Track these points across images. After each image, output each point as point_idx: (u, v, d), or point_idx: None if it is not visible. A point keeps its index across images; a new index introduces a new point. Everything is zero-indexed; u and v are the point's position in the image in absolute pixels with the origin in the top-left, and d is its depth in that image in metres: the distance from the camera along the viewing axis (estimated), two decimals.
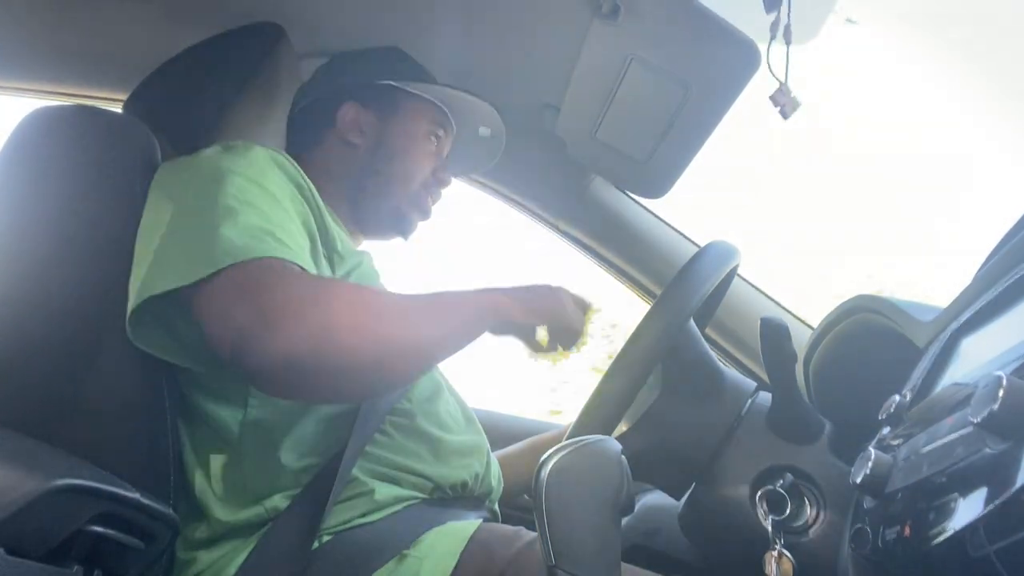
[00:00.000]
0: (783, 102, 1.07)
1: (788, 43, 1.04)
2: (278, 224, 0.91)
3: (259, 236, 0.88)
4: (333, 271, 1.01)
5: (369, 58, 1.25)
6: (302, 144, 1.21)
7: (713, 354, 1.10)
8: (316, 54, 1.31)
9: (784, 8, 1.03)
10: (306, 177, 1.01)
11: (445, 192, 1.29)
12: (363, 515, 0.94)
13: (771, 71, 1.07)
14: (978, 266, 0.89)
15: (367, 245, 1.27)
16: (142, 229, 0.95)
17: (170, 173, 0.99)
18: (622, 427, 1.03)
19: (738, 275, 1.47)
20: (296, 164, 1.01)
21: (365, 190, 1.19)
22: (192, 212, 0.91)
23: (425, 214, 1.25)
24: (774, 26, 1.03)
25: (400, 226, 1.23)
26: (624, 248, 1.58)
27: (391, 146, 1.20)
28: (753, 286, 1.56)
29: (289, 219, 0.94)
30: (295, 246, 0.91)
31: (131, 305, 0.89)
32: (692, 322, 1.04)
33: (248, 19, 1.21)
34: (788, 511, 0.93)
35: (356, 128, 1.19)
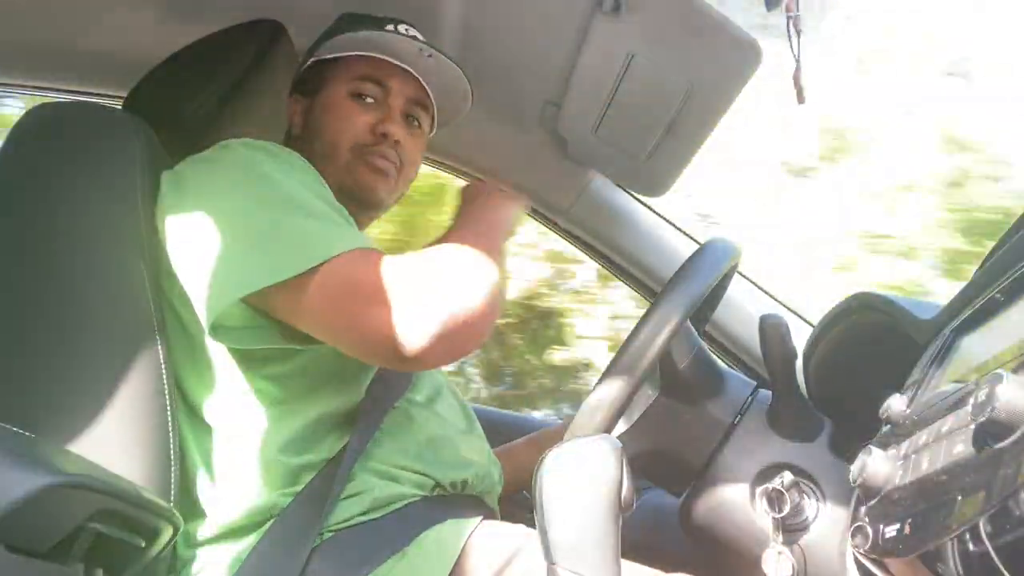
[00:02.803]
0: (800, 86, 1.06)
1: (799, 31, 1.04)
2: (338, 218, 0.94)
3: (332, 230, 0.91)
4: None
5: (314, 42, 1.21)
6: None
7: (711, 353, 1.10)
8: None
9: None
10: (321, 177, 1.02)
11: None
12: (364, 513, 0.94)
13: (794, 55, 1.05)
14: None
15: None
16: (197, 231, 0.94)
17: (202, 173, 0.99)
18: (620, 427, 1.03)
19: (738, 272, 1.47)
20: (310, 164, 1.02)
21: (324, 174, 1.07)
22: (255, 212, 0.92)
23: (379, 173, 1.12)
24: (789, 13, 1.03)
25: (361, 195, 1.13)
26: (624, 246, 1.58)
27: (314, 124, 1.16)
28: (754, 283, 1.56)
29: (339, 213, 0.96)
30: (358, 232, 0.94)
31: (220, 305, 0.89)
32: (689, 323, 1.04)
33: (248, 16, 1.21)
34: (788, 509, 0.93)
35: (295, 119, 1.19)
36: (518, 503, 1.25)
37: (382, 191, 1.14)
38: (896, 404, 0.80)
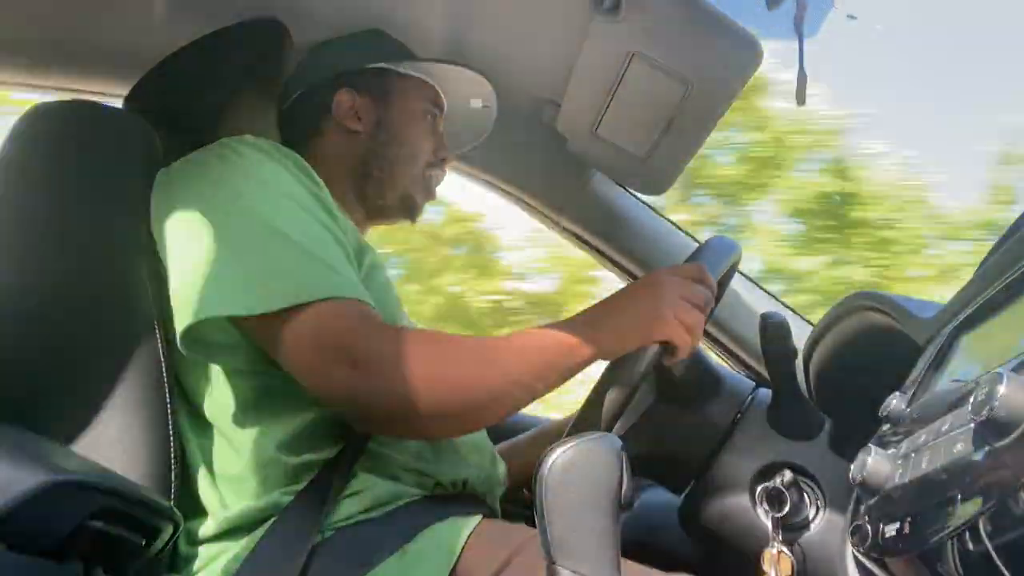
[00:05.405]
0: (801, 88, 1.06)
1: (801, 35, 1.04)
2: (332, 253, 0.93)
3: (324, 270, 0.90)
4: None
5: (353, 43, 1.25)
6: (300, 136, 1.21)
7: (707, 355, 1.10)
8: None
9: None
10: (319, 179, 1.01)
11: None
12: (365, 511, 0.94)
13: (800, 59, 1.05)
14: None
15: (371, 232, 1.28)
16: (180, 235, 0.94)
17: (194, 175, 0.99)
18: (618, 431, 1.03)
19: (739, 271, 1.47)
20: (308, 166, 1.02)
21: (370, 176, 1.19)
22: (243, 230, 0.92)
23: (430, 194, 1.25)
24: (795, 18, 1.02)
25: (408, 208, 1.23)
26: (624, 244, 1.58)
27: (391, 129, 1.20)
28: (754, 282, 1.56)
29: (335, 241, 0.95)
30: (352, 278, 0.92)
31: (189, 320, 0.89)
32: None
33: (249, 14, 1.21)
34: (788, 508, 0.93)
35: (353, 114, 1.20)
36: (518, 502, 1.25)
37: (423, 210, 1.24)
38: (896, 403, 0.80)
